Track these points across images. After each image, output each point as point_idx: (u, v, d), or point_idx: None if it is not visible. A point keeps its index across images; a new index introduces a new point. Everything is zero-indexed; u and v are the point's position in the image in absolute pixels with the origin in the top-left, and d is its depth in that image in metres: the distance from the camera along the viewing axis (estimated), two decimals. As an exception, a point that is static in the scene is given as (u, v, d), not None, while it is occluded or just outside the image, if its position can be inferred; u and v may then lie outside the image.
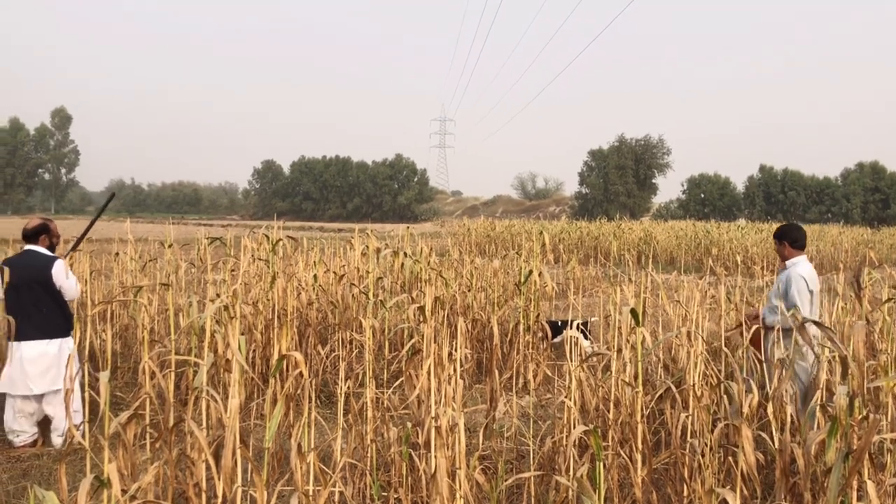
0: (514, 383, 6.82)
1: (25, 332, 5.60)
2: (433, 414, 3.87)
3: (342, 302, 8.15)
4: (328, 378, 7.25)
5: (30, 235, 5.86)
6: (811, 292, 5.34)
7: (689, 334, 5.48)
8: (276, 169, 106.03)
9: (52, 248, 5.95)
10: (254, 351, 6.94)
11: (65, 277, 5.70)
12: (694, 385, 4.50)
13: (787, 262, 5.61)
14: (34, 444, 5.73)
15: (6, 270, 5.58)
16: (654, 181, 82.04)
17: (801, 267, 5.49)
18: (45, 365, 5.61)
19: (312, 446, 3.55)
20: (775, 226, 34.89)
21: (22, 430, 5.69)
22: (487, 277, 9.67)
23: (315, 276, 8.39)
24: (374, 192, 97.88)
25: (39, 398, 5.69)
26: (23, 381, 5.59)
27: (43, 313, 5.62)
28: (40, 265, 5.67)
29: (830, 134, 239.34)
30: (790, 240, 5.60)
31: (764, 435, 4.11)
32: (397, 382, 5.15)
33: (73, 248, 6.40)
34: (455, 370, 4.07)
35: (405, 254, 9.39)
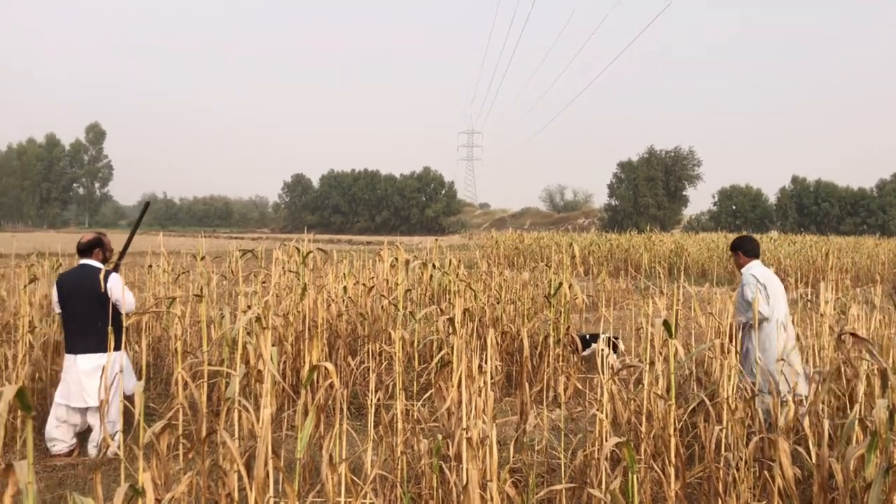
0: (544, 396, 6.78)
1: (82, 345, 5.67)
2: (464, 425, 3.86)
3: (371, 314, 8.18)
4: (358, 390, 7.26)
5: (84, 249, 5.95)
6: (763, 286, 5.73)
7: (722, 346, 5.41)
8: (305, 183, 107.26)
9: (105, 261, 6.03)
10: (284, 362, 6.98)
11: (120, 291, 5.74)
12: (728, 398, 4.43)
13: (742, 270, 6.05)
14: (70, 454, 5.79)
15: (58, 287, 5.71)
16: (684, 193, 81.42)
17: (753, 269, 5.94)
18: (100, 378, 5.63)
19: (343, 458, 3.55)
20: (809, 237, 34.54)
21: (61, 439, 5.75)
22: (516, 290, 9.64)
23: (345, 288, 8.44)
24: (402, 205, 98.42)
25: (86, 410, 5.75)
26: (79, 394, 5.65)
27: (98, 326, 5.59)
28: (96, 279, 5.71)
29: (865, 145, 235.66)
30: (743, 250, 6.08)
31: (800, 449, 4.03)
32: (427, 394, 5.15)
33: (118, 263, 6.36)
34: (485, 382, 4.06)
35: (434, 266, 9.40)
